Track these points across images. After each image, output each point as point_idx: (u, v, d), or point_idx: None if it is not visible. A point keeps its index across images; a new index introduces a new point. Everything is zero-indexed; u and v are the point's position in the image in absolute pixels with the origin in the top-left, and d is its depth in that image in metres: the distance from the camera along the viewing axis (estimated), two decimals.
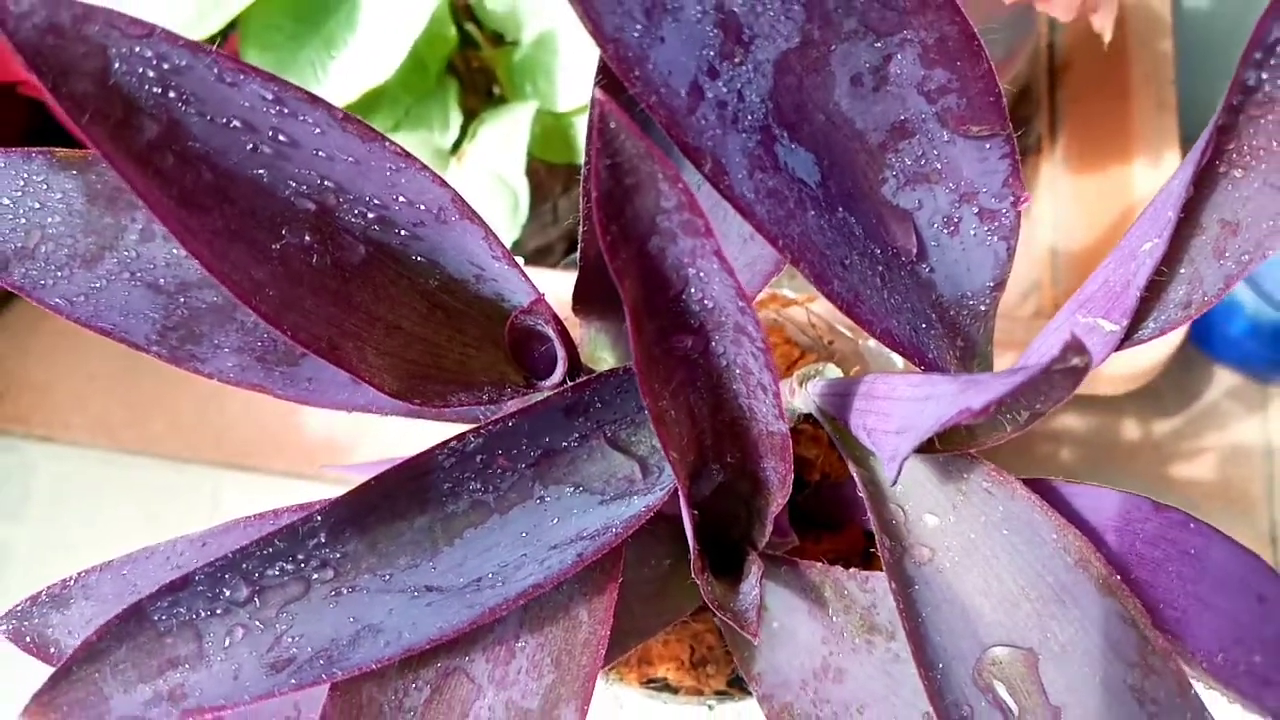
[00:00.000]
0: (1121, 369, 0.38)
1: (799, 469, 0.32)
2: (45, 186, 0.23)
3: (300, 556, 0.18)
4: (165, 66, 0.15)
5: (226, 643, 0.17)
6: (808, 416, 0.25)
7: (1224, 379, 0.57)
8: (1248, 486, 0.56)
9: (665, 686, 0.29)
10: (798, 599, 0.23)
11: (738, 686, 0.29)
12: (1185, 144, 0.46)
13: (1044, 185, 0.48)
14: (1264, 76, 0.17)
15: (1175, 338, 0.38)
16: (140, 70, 0.15)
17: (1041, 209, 0.48)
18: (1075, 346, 0.13)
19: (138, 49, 0.15)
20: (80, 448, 0.58)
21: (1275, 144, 0.18)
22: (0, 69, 0.51)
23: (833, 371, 0.24)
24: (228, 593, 0.18)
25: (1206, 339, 0.58)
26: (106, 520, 0.56)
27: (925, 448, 0.20)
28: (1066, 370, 0.15)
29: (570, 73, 0.39)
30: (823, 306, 0.33)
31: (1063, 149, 0.48)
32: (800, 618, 0.23)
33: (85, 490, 0.57)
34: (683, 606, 0.26)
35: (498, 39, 0.41)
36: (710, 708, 0.28)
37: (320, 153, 0.17)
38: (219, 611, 0.17)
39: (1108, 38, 0.30)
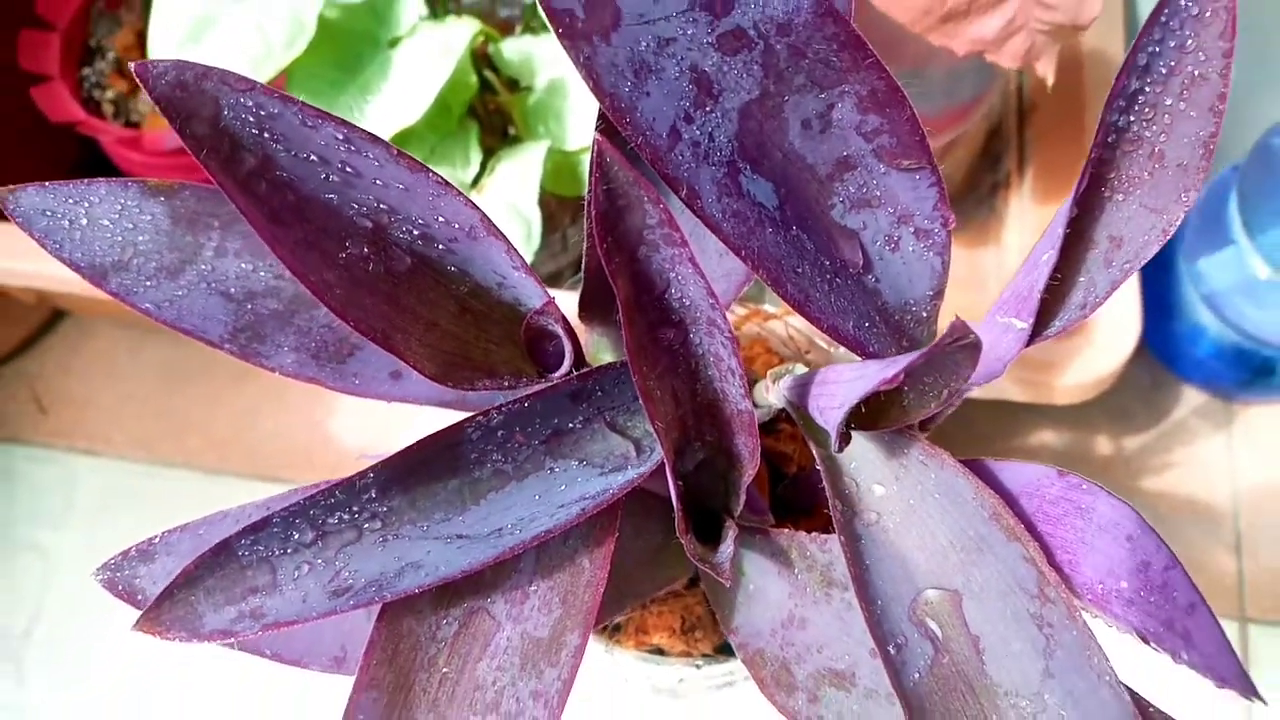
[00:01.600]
0: (1077, 380, 0.42)
1: (779, 463, 0.36)
2: (138, 210, 0.27)
3: (355, 508, 0.22)
4: (262, 113, 0.20)
5: (295, 575, 0.21)
6: (787, 417, 0.29)
7: (1191, 398, 0.61)
8: (1214, 499, 0.60)
9: (658, 651, 0.33)
10: (769, 563, 0.27)
11: (723, 652, 0.33)
12: None
13: (1013, 215, 0.52)
14: (1130, 120, 0.21)
15: (1123, 353, 0.42)
16: (243, 116, 0.20)
17: (1010, 237, 0.52)
18: (959, 328, 0.17)
19: (242, 99, 0.19)
20: (120, 460, 0.62)
21: (1147, 174, 0.22)
22: (59, 110, 0.56)
23: (800, 369, 0.28)
24: (296, 535, 0.22)
25: (1174, 360, 0.61)
26: (146, 527, 0.60)
27: (869, 425, 0.24)
28: (963, 347, 0.19)
29: (578, 115, 0.44)
30: (800, 321, 0.37)
31: (1030, 182, 0.52)
32: (771, 579, 0.27)
33: (125, 500, 0.61)
34: (673, 573, 0.30)
35: (514, 85, 0.46)
36: (698, 667, 0.32)
37: (378, 181, 0.21)
38: (289, 551, 0.22)
39: (1050, 81, 0.35)
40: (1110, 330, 0.43)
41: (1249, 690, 0.18)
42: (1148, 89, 0.21)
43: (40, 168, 0.61)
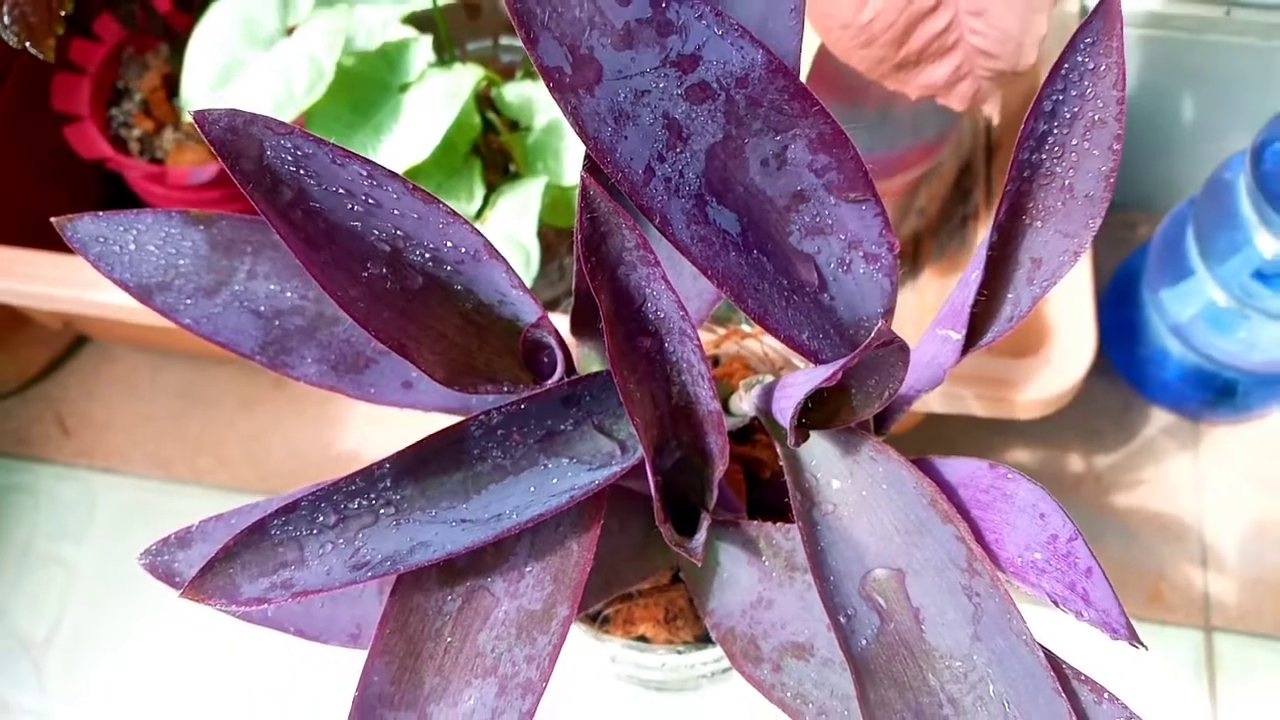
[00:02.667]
0: (1036, 396, 0.46)
1: (755, 469, 0.39)
2: (180, 237, 0.30)
3: (372, 495, 0.25)
4: (299, 153, 0.23)
5: (320, 552, 0.25)
6: (761, 426, 0.32)
7: (1159, 419, 0.64)
8: (1180, 515, 0.62)
9: (644, 639, 0.36)
10: (741, 552, 0.31)
11: (703, 641, 0.36)
12: None
13: (981, 245, 0.56)
14: (1043, 157, 0.25)
15: (1078, 372, 0.46)
16: (283, 155, 0.23)
17: None
18: (883, 332, 0.21)
19: (282, 141, 0.23)
20: (138, 478, 0.65)
21: (1060, 204, 0.26)
22: (89, 148, 0.60)
23: (769, 379, 0.31)
24: (321, 518, 0.25)
25: (1142, 383, 0.65)
26: None
27: (825, 424, 0.27)
28: (893, 350, 0.22)
29: (574, 154, 0.47)
30: (773, 340, 0.40)
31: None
32: (742, 566, 0.30)
33: (142, 516, 0.64)
34: (655, 565, 0.33)
35: (514, 126, 0.50)
36: (680, 653, 0.35)
37: (396, 211, 0.25)
38: (315, 531, 0.25)
39: (996, 121, 0.38)
40: (1066, 352, 0.46)
41: (1134, 640, 0.21)
42: (1055, 131, 0.25)
43: (69, 201, 0.65)
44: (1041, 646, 0.23)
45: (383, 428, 0.64)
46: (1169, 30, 0.58)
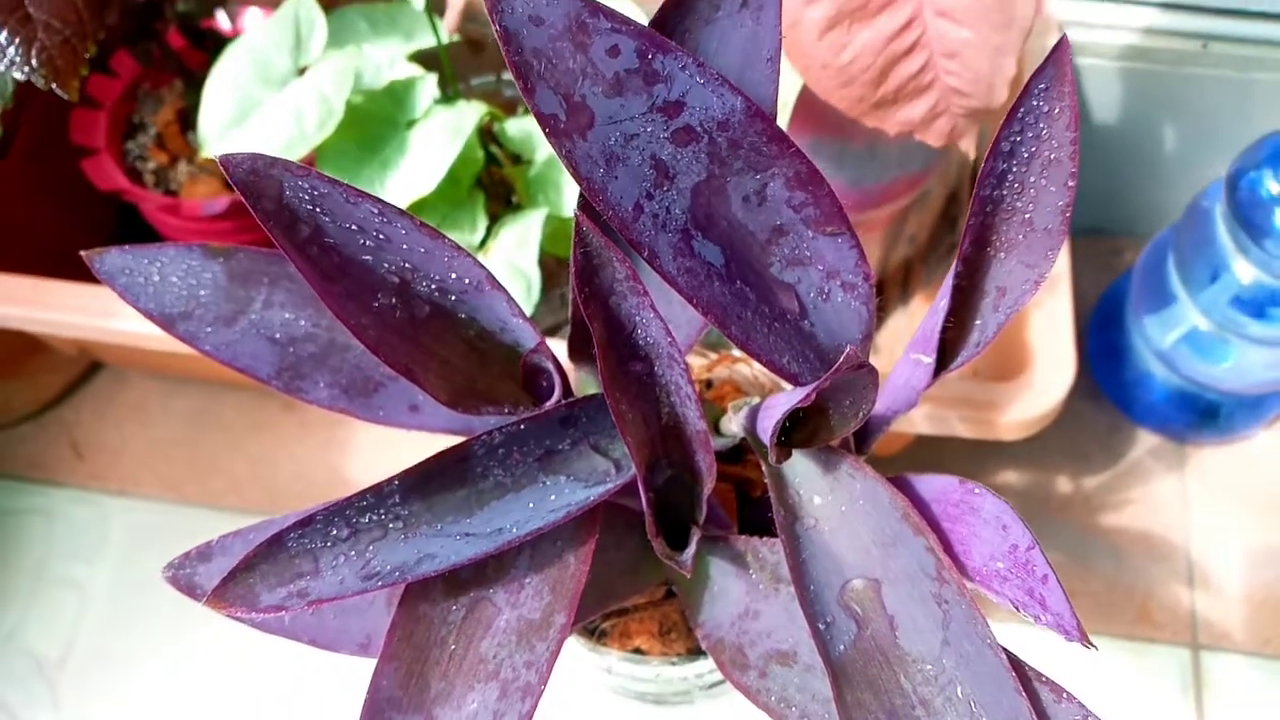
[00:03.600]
0: (1018, 417, 0.47)
1: (746, 488, 0.41)
2: (200, 269, 0.32)
3: (382, 510, 0.27)
4: (315, 193, 0.25)
5: (334, 563, 0.26)
6: (749, 448, 0.34)
7: (1145, 440, 0.66)
8: (1167, 534, 0.64)
9: (640, 651, 0.37)
10: (730, 566, 0.32)
11: (695, 653, 0.37)
12: (1072, 238, 0.56)
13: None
14: (1003, 193, 0.27)
15: (1059, 394, 0.47)
16: (300, 195, 0.25)
17: None
18: (853, 357, 0.22)
19: (299, 182, 0.25)
20: (150, 501, 0.67)
21: (1021, 236, 0.28)
22: (106, 180, 0.62)
23: (755, 401, 0.33)
24: (334, 531, 0.27)
25: (1128, 405, 0.66)
26: None
27: (806, 443, 0.29)
28: (864, 373, 0.24)
29: (573, 186, 0.49)
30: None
31: None
32: (731, 579, 0.32)
33: (154, 537, 0.66)
34: (649, 579, 0.34)
35: (516, 159, 0.52)
36: (673, 664, 0.37)
37: (404, 245, 0.27)
38: (329, 544, 0.27)
39: (973, 156, 0.40)
40: (1047, 375, 0.48)
41: (1086, 641, 0.23)
42: (1014, 169, 0.27)
43: (87, 231, 0.67)
44: (1004, 649, 0.25)
45: (387, 451, 0.66)
46: (1149, 63, 0.60)
